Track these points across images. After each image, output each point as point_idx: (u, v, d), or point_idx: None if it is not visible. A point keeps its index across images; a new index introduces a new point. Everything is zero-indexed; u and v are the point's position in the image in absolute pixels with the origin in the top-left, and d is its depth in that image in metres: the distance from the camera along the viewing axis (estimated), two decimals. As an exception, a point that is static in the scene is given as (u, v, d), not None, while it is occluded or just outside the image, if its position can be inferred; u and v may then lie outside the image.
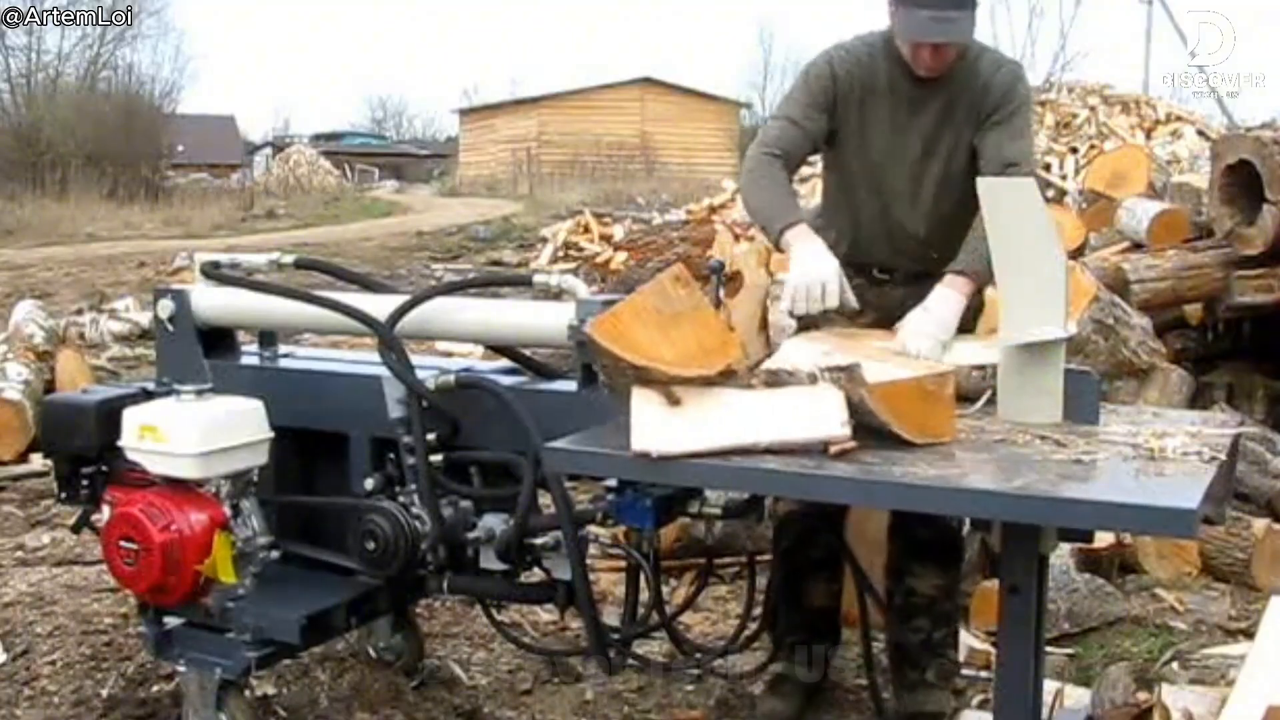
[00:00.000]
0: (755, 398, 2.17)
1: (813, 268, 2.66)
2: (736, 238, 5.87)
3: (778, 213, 2.81)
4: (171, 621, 2.90)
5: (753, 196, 2.93)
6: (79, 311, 9.80)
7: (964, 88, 2.86)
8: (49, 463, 3.65)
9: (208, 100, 77.72)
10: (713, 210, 12.21)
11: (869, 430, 2.12)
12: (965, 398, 2.40)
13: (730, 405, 2.15)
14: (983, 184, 2.42)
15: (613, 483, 2.41)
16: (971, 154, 2.88)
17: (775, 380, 2.20)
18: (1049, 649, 3.21)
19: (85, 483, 2.92)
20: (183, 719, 2.93)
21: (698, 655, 2.98)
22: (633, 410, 2.09)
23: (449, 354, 5.39)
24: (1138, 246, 5.91)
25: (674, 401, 2.11)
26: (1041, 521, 1.99)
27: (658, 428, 2.06)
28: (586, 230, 13.84)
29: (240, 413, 2.75)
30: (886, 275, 3.00)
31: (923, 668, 3.04)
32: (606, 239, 12.99)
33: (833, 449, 2.06)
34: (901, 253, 2.97)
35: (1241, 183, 5.29)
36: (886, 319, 2.83)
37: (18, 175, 25.50)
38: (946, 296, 2.72)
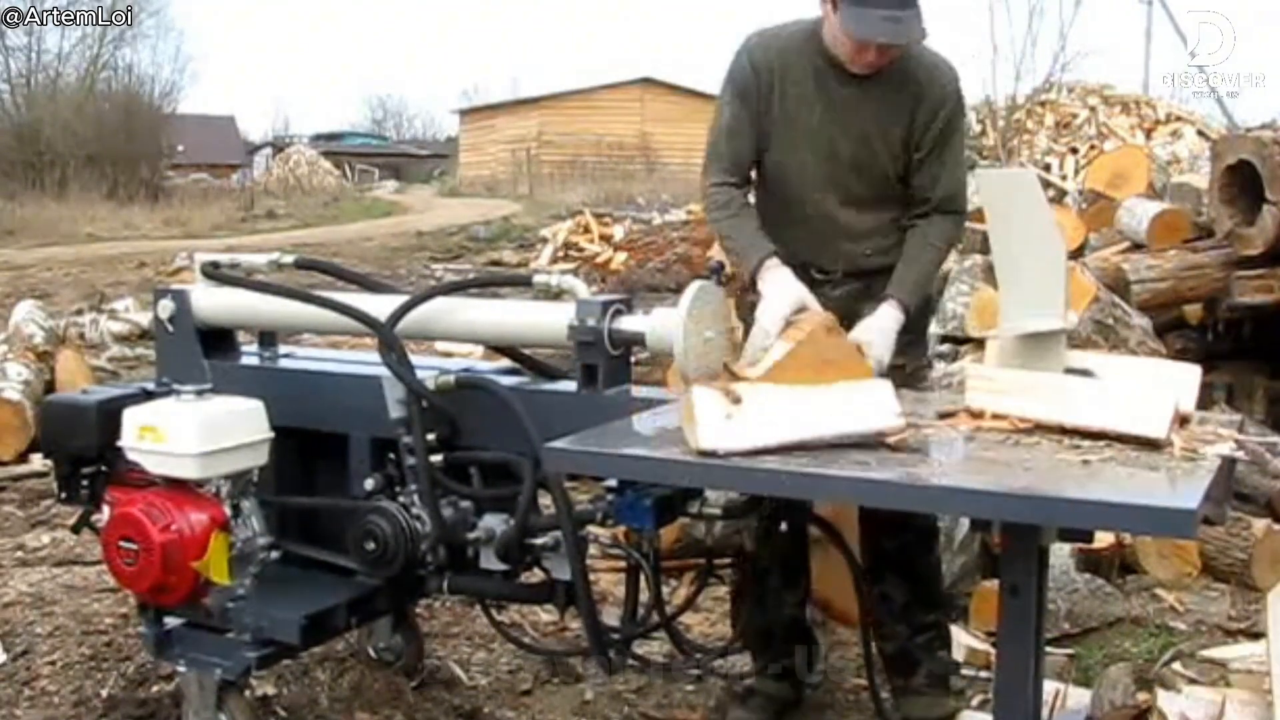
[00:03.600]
0: (811, 394, 2.21)
1: (775, 299, 2.62)
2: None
3: (750, 249, 2.79)
4: (171, 621, 2.90)
5: (724, 233, 2.90)
6: (79, 312, 9.79)
7: (899, 85, 2.80)
8: (49, 463, 3.65)
9: (208, 100, 77.90)
10: (713, 210, 12.18)
11: None
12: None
13: (788, 403, 2.18)
14: (982, 175, 2.43)
15: (613, 483, 2.41)
16: (905, 158, 2.85)
17: None
18: (1049, 649, 3.21)
19: (85, 483, 2.92)
20: (183, 719, 2.93)
21: (698, 655, 2.98)
22: (696, 410, 2.10)
23: (449, 354, 5.39)
24: (1138, 246, 5.91)
25: (735, 401, 2.13)
26: (1041, 521, 1.98)
27: (721, 427, 2.08)
28: (586, 230, 13.86)
29: (240, 413, 2.75)
30: (824, 275, 2.93)
31: (911, 673, 3.03)
32: (606, 239, 13.01)
33: (890, 439, 2.11)
34: (838, 252, 2.91)
35: (1241, 183, 5.29)
36: None
37: (18, 175, 25.52)
38: (889, 314, 2.76)
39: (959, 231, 2.93)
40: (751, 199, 3.00)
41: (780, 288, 2.67)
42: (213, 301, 3.04)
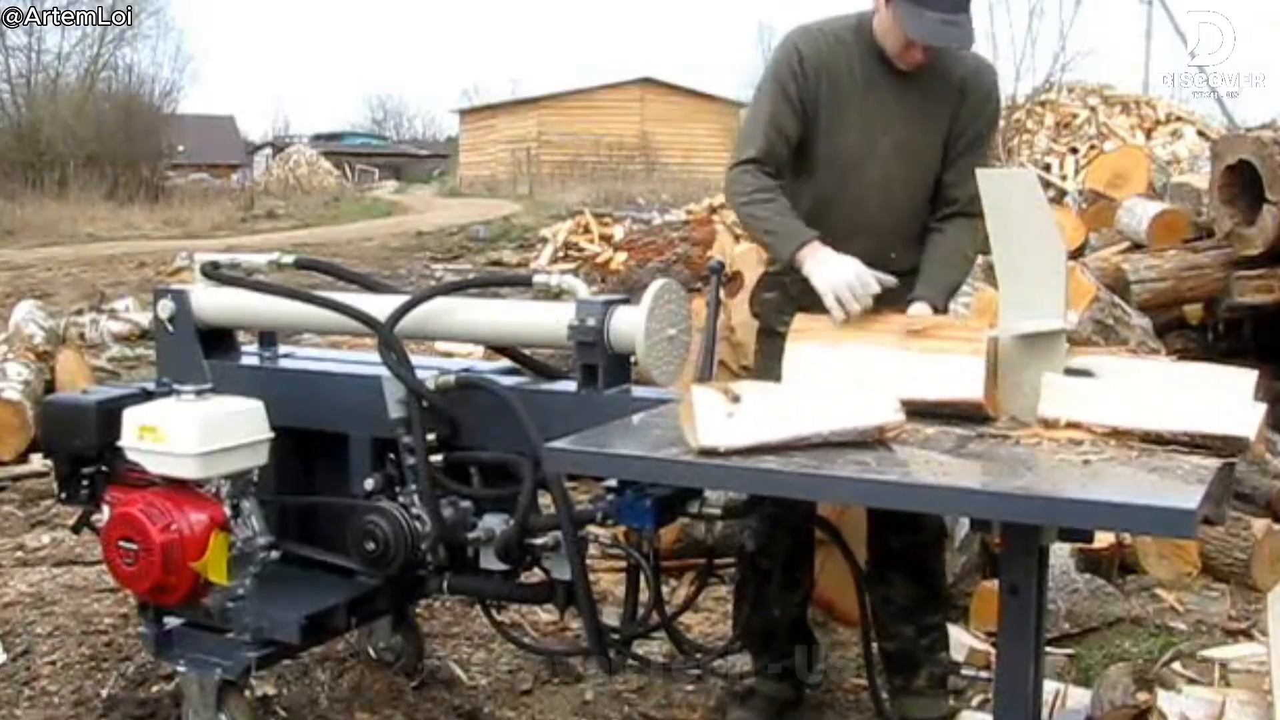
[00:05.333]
0: (809, 392, 2.24)
1: (836, 268, 2.62)
2: (737, 238, 5.87)
3: (789, 232, 2.75)
4: (171, 621, 2.90)
5: (758, 215, 2.81)
6: (79, 311, 9.78)
7: (940, 82, 2.81)
8: (49, 463, 3.65)
9: (208, 100, 77.79)
10: (713, 210, 12.19)
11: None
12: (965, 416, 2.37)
13: (788, 400, 2.20)
14: (982, 175, 2.43)
15: (613, 483, 2.41)
16: (939, 152, 2.85)
17: None
18: (1049, 649, 3.21)
19: (85, 483, 2.92)
20: (183, 719, 2.93)
21: (698, 655, 2.98)
22: (695, 408, 2.11)
23: (449, 354, 5.39)
24: (1138, 246, 5.91)
25: (734, 399, 2.14)
26: (1041, 521, 1.98)
27: (721, 424, 2.10)
28: (586, 230, 13.83)
29: (240, 413, 2.75)
30: None
31: (912, 674, 3.02)
32: (606, 239, 12.98)
33: (888, 433, 2.14)
34: (866, 251, 2.82)
35: (1241, 183, 5.29)
36: None
37: (18, 175, 25.47)
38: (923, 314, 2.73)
39: (980, 236, 2.93)
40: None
41: (830, 266, 2.64)
42: (213, 301, 3.04)
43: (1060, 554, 3.73)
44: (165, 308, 3.04)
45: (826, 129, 2.82)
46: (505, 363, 2.99)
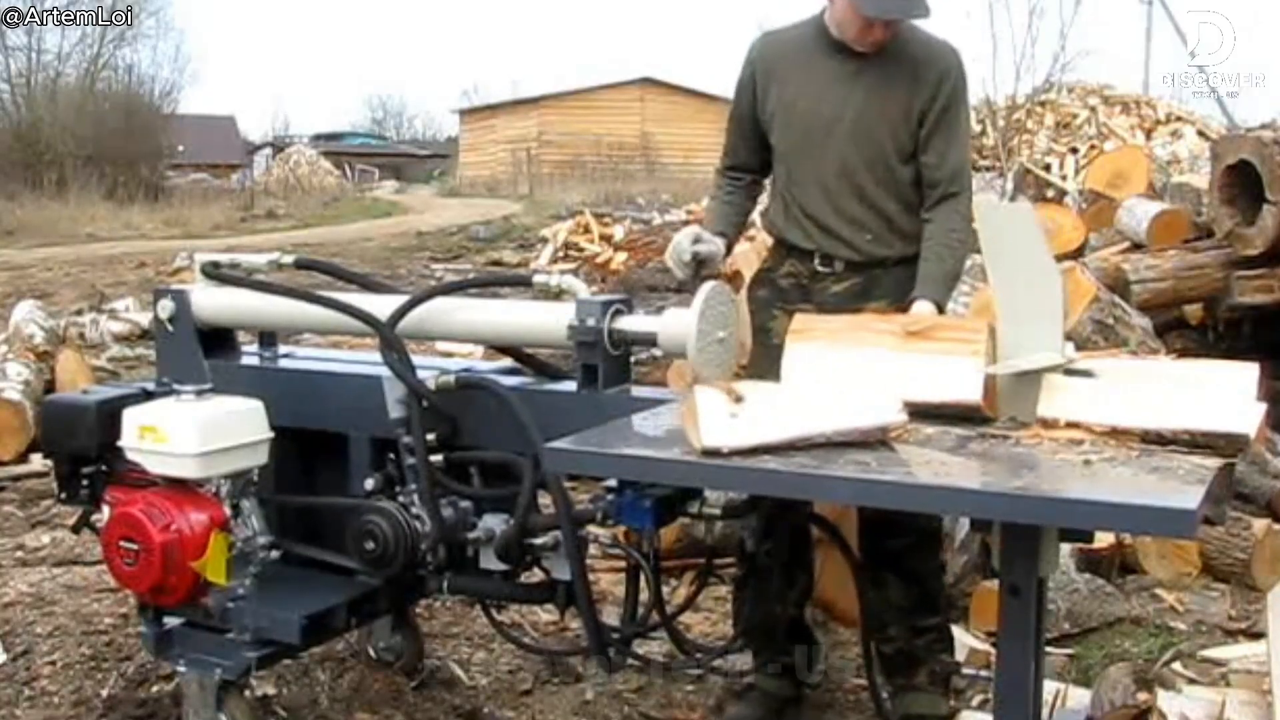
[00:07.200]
0: (813, 393, 2.24)
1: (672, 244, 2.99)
2: (736, 238, 5.85)
3: (708, 223, 3.13)
4: (171, 621, 2.90)
5: (704, 212, 3.30)
6: (79, 312, 9.79)
7: (894, 66, 2.87)
8: (49, 463, 3.64)
9: (208, 100, 77.79)
10: (713, 210, 12.17)
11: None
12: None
13: (791, 400, 2.20)
14: (979, 209, 2.43)
15: (612, 483, 2.41)
16: (905, 137, 2.90)
17: None
18: (1049, 649, 3.21)
19: (85, 483, 2.92)
20: (183, 719, 2.93)
21: (698, 655, 2.97)
22: (698, 409, 2.10)
23: (449, 354, 5.39)
24: (1138, 246, 5.91)
25: (737, 399, 2.14)
26: (1041, 521, 1.98)
27: (724, 425, 2.09)
28: (586, 230, 13.82)
29: (240, 413, 2.75)
30: (828, 267, 3.00)
31: (912, 672, 3.03)
32: (606, 239, 12.98)
33: (891, 434, 2.14)
34: (837, 237, 2.97)
35: (1241, 183, 5.29)
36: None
37: (18, 175, 25.48)
38: (926, 312, 2.81)
39: (970, 215, 2.95)
40: (766, 186, 3.19)
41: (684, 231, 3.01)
42: (213, 301, 3.04)
43: (1060, 554, 3.72)
44: (165, 308, 3.04)
45: (784, 120, 2.98)
46: (505, 362, 2.99)
